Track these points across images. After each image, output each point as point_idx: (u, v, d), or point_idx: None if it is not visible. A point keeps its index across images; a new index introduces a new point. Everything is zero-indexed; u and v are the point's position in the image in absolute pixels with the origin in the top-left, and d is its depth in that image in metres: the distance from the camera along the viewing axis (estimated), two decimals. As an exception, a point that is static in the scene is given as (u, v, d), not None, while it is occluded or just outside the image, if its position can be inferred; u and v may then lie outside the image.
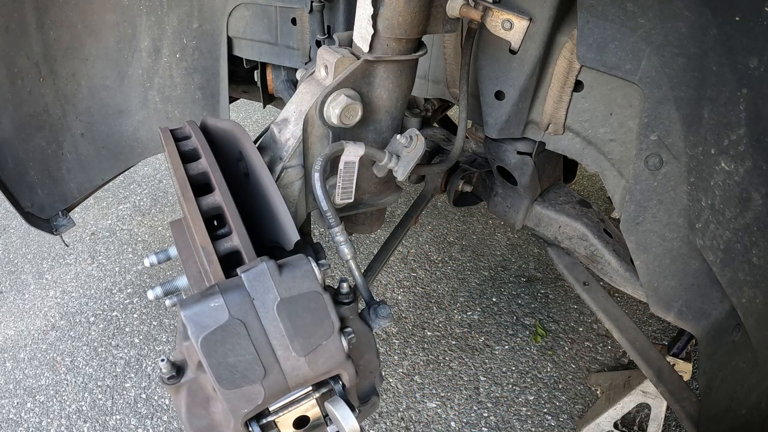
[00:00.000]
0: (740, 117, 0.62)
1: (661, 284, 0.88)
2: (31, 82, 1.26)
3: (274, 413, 0.60)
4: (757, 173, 0.62)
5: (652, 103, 0.76)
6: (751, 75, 0.59)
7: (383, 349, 2.16)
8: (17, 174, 1.30)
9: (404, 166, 0.78)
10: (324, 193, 0.71)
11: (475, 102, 0.99)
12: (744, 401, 0.68)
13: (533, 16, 0.81)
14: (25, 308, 2.35)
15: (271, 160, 0.77)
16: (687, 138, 0.73)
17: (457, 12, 0.75)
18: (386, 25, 0.68)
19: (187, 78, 1.37)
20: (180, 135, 0.71)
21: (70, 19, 1.26)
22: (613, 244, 1.09)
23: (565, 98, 0.89)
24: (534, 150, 1.03)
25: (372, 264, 1.35)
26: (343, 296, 0.66)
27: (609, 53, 0.78)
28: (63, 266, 2.57)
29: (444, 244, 2.73)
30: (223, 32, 1.29)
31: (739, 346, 0.74)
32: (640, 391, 1.54)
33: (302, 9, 1.18)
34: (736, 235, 0.67)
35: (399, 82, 0.75)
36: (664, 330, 2.23)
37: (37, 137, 1.31)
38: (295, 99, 0.79)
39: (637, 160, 0.81)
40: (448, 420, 1.90)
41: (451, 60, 1.04)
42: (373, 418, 1.89)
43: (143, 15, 1.30)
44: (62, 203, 1.41)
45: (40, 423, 1.88)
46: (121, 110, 1.41)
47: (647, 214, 0.84)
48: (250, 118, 3.92)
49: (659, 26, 0.72)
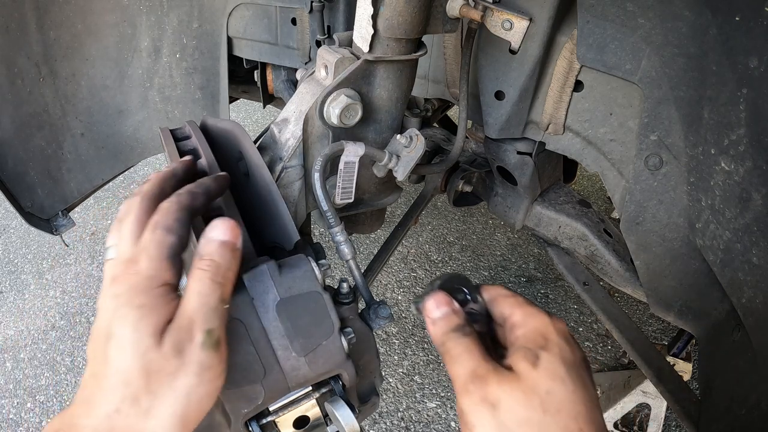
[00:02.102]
0: (740, 117, 0.62)
1: (661, 284, 0.88)
2: (31, 82, 1.26)
3: (274, 413, 0.60)
4: (757, 173, 0.62)
5: (652, 103, 0.76)
6: (751, 75, 0.59)
7: (383, 349, 2.15)
8: (17, 174, 1.30)
9: (404, 166, 0.78)
10: (324, 193, 0.71)
11: (475, 102, 0.99)
12: (744, 401, 0.68)
13: (533, 16, 0.81)
14: (25, 308, 2.35)
15: (271, 160, 0.77)
16: (687, 138, 0.73)
17: (457, 12, 0.75)
18: (386, 25, 0.68)
19: (187, 78, 1.37)
20: (180, 135, 0.71)
21: (70, 19, 1.26)
22: (613, 244, 1.09)
23: (565, 98, 0.89)
24: (534, 150, 1.03)
25: (372, 264, 1.35)
26: (343, 296, 0.66)
27: (609, 53, 0.78)
28: (63, 266, 2.57)
29: (444, 244, 2.73)
30: (223, 32, 1.29)
31: (739, 346, 0.74)
32: (640, 391, 1.54)
33: (302, 9, 1.18)
34: (736, 235, 0.67)
35: (399, 82, 0.75)
36: (664, 330, 2.23)
37: (37, 137, 1.31)
38: (295, 99, 0.79)
39: (637, 160, 0.81)
40: (448, 420, 1.89)
41: (451, 60, 1.04)
42: (373, 418, 1.89)
43: (143, 15, 1.30)
44: (62, 203, 1.41)
45: (40, 423, 1.88)
46: (121, 110, 1.41)
47: (647, 214, 0.84)
48: (250, 118, 3.92)
49: (659, 26, 0.72)
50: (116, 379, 0.43)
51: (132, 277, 0.45)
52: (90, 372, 0.45)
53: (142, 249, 0.47)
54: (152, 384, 0.43)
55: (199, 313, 0.46)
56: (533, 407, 0.45)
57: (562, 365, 0.47)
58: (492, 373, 0.48)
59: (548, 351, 0.48)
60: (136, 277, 0.45)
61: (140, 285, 0.45)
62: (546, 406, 0.45)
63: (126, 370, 0.42)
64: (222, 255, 0.49)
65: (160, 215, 0.48)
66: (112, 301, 0.45)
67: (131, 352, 0.43)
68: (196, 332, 0.45)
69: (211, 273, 0.48)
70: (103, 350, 0.44)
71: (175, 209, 0.49)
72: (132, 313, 0.43)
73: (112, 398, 0.42)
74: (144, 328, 0.43)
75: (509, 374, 0.48)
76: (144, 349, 0.43)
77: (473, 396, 0.47)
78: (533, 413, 0.45)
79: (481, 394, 0.47)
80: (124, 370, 0.43)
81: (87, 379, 0.45)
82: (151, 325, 0.44)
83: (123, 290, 0.45)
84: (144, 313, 0.44)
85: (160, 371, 0.43)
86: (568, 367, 0.48)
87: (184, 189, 0.53)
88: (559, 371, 0.47)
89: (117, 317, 0.44)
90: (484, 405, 0.46)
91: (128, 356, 0.43)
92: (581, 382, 0.48)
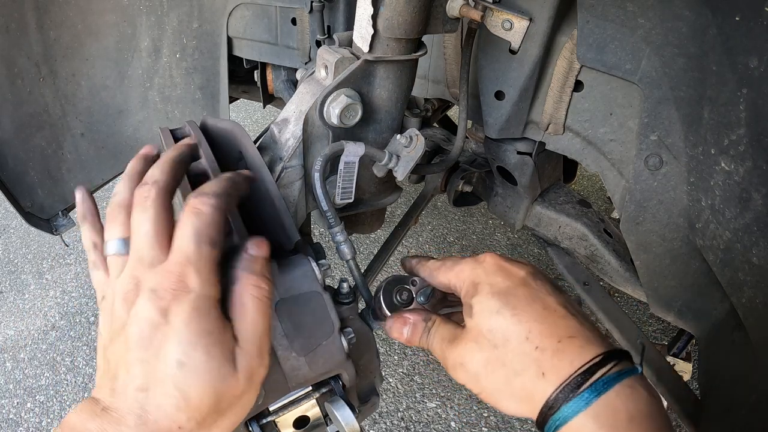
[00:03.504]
0: (740, 117, 0.62)
1: (661, 284, 0.88)
2: (31, 82, 1.26)
3: (274, 413, 0.60)
4: (757, 173, 0.62)
5: (652, 103, 0.76)
6: (751, 75, 0.59)
7: (383, 349, 2.16)
8: (17, 174, 1.30)
9: (404, 166, 0.78)
10: (324, 193, 0.71)
11: (475, 102, 0.99)
12: (744, 401, 0.68)
13: (533, 16, 0.81)
14: (25, 308, 2.35)
15: (271, 160, 0.77)
16: (687, 138, 0.73)
17: (457, 12, 0.75)
18: (386, 25, 0.68)
19: (187, 78, 1.37)
20: (180, 135, 0.71)
21: (70, 19, 1.26)
22: (613, 244, 1.09)
23: (565, 98, 0.89)
24: (534, 150, 1.03)
25: (372, 264, 1.35)
26: (343, 296, 0.66)
27: (609, 53, 0.78)
28: (63, 266, 2.57)
29: (444, 244, 2.73)
30: (223, 32, 1.29)
31: (739, 346, 0.74)
32: (640, 391, 1.53)
33: (302, 9, 1.18)
34: (736, 235, 0.67)
35: (399, 82, 0.75)
36: (664, 330, 2.23)
37: (37, 137, 1.31)
38: (295, 99, 0.79)
39: (637, 160, 0.81)
40: (448, 420, 1.89)
41: (451, 60, 1.04)
42: (373, 418, 1.89)
43: (143, 15, 1.30)
44: (62, 203, 1.41)
45: (40, 423, 1.88)
46: (121, 110, 1.41)
47: (647, 214, 0.84)
48: (250, 118, 3.92)
49: (659, 26, 0.72)
50: (185, 404, 0.41)
51: (187, 297, 0.42)
52: (137, 385, 0.42)
53: (186, 261, 0.43)
54: (222, 405, 0.43)
55: (265, 338, 0.46)
56: (484, 348, 0.50)
57: (493, 299, 0.51)
58: (455, 341, 0.54)
59: (478, 295, 0.53)
60: (194, 298, 0.43)
61: (201, 308, 0.43)
62: (494, 342, 0.50)
63: (198, 397, 0.42)
64: (268, 273, 0.49)
65: (203, 225, 0.44)
66: (159, 316, 0.42)
67: (208, 379, 0.42)
68: (264, 356, 0.46)
69: (266, 293, 0.47)
70: (163, 372, 0.41)
71: (217, 219, 0.46)
72: (202, 340, 0.42)
73: (177, 418, 0.41)
74: (219, 355, 0.42)
75: (462, 333, 0.54)
76: (222, 376, 0.42)
77: (450, 364, 0.54)
78: (488, 353, 0.50)
79: (453, 361, 0.54)
80: (196, 396, 0.42)
81: (132, 392, 0.42)
82: (225, 352, 0.43)
83: (180, 310, 0.42)
84: (214, 340, 0.42)
85: (233, 395, 0.43)
86: (501, 295, 0.51)
87: (222, 188, 0.49)
88: (492, 306, 0.51)
89: (182, 342, 0.41)
90: (459, 368, 0.53)
91: (203, 384, 0.42)
92: (525, 300, 0.50)
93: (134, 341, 0.42)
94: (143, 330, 0.42)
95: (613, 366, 0.45)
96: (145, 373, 0.42)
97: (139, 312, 0.43)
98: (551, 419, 0.46)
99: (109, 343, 0.45)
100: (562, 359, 0.46)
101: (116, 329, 0.44)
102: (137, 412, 0.41)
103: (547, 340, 0.47)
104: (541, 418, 0.47)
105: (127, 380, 0.42)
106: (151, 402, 0.41)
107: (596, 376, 0.45)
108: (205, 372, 0.42)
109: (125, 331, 0.43)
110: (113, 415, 0.41)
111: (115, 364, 0.44)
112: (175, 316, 0.42)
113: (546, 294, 0.51)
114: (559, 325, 0.49)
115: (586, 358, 0.46)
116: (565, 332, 0.48)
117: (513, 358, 0.48)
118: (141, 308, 0.43)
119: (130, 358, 0.42)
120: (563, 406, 0.45)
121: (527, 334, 0.48)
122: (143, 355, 0.42)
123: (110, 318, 0.46)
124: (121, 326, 0.44)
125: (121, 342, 0.44)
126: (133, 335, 0.42)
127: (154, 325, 0.42)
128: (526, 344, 0.48)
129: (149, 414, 0.41)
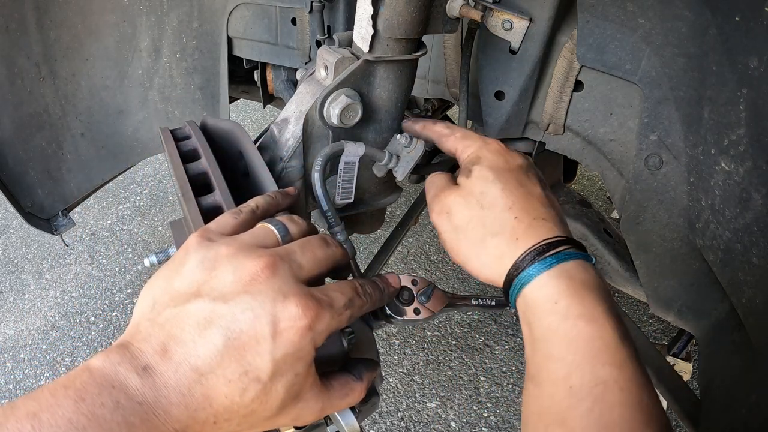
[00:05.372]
0: (740, 117, 0.62)
1: (661, 284, 0.88)
2: (31, 82, 1.26)
3: (274, 413, 0.60)
4: (757, 173, 0.62)
5: (652, 103, 0.76)
6: (751, 75, 0.59)
7: (383, 349, 2.16)
8: (17, 174, 1.30)
9: (404, 166, 0.78)
10: (324, 193, 0.71)
11: (475, 102, 0.99)
12: (744, 401, 0.68)
13: (533, 16, 0.81)
14: (25, 308, 2.35)
15: (271, 160, 0.77)
16: (687, 138, 0.73)
17: (457, 12, 0.75)
18: (386, 25, 0.68)
19: (187, 78, 1.37)
20: (180, 135, 0.71)
21: (70, 19, 1.26)
22: (613, 244, 1.09)
23: (565, 98, 0.89)
24: (534, 150, 1.03)
25: (372, 264, 1.35)
26: (343, 296, 0.66)
27: (609, 53, 0.78)
28: (63, 266, 2.57)
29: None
30: (223, 32, 1.29)
31: (739, 346, 0.74)
32: (640, 391, 1.53)
33: (302, 9, 1.18)
34: (736, 235, 0.67)
35: (399, 82, 0.75)
36: (664, 330, 2.23)
37: (37, 137, 1.32)
38: (295, 99, 0.79)
39: (637, 160, 0.81)
40: (448, 420, 1.90)
41: (451, 60, 1.04)
42: (373, 418, 1.89)
43: (143, 15, 1.30)
44: (62, 203, 1.41)
45: (40, 423, 1.88)
46: (121, 110, 1.41)
47: (647, 214, 0.84)
48: (250, 118, 3.92)
49: (659, 26, 0.72)
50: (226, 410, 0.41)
51: (309, 333, 0.43)
52: (195, 365, 0.39)
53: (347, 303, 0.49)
54: (253, 420, 0.44)
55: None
56: (472, 206, 0.58)
57: (491, 171, 0.59)
58: (447, 189, 0.62)
59: (479, 164, 0.61)
60: (323, 329, 0.45)
61: (319, 338, 0.45)
62: (482, 203, 0.58)
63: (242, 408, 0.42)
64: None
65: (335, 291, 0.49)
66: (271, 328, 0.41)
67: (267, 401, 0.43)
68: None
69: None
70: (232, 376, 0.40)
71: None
72: (289, 375, 0.43)
73: (216, 416, 0.41)
74: (296, 392, 0.45)
75: (455, 187, 0.62)
76: (278, 407, 0.44)
77: (437, 209, 0.62)
78: (473, 210, 0.58)
79: (441, 207, 0.61)
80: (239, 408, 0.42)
81: (187, 370, 0.39)
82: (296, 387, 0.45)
83: (318, 324, 0.44)
84: (301, 380, 0.45)
85: (265, 417, 0.44)
86: (498, 171, 0.59)
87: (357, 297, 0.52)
88: (488, 176, 0.59)
89: (276, 362, 0.41)
90: (444, 215, 0.61)
91: (255, 402, 0.42)
92: (515, 182, 0.59)
93: (232, 330, 0.40)
94: (252, 330, 0.40)
95: (572, 247, 0.54)
96: (214, 363, 0.40)
97: (259, 312, 0.41)
98: (516, 279, 0.53)
99: (180, 299, 0.42)
100: (534, 232, 0.55)
101: (210, 294, 0.42)
102: (183, 391, 0.39)
103: (525, 215, 0.56)
104: (507, 280, 0.54)
105: (188, 354, 0.40)
106: (202, 390, 0.39)
107: (559, 248, 0.53)
108: (268, 400, 0.42)
109: (226, 309, 0.41)
110: (157, 380, 0.38)
111: (179, 327, 0.40)
112: (309, 329, 0.43)
113: (533, 185, 0.60)
114: (537, 208, 0.57)
115: (553, 235, 0.54)
116: (540, 214, 0.56)
117: (494, 221, 0.56)
118: (267, 311, 0.41)
119: (211, 337, 0.40)
120: (528, 267, 0.52)
121: (511, 205, 0.56)
122: (225, 346, 0.40)
123: (207, 275, 0.43)
124: (219, 296, 0.41)
125: (204, 309, 0.41)
126: (236, 323, 0.40)
127: (262, 336, 0.41)
128: (508, 212, 0.56)
129: (195, 400, 0.39)
